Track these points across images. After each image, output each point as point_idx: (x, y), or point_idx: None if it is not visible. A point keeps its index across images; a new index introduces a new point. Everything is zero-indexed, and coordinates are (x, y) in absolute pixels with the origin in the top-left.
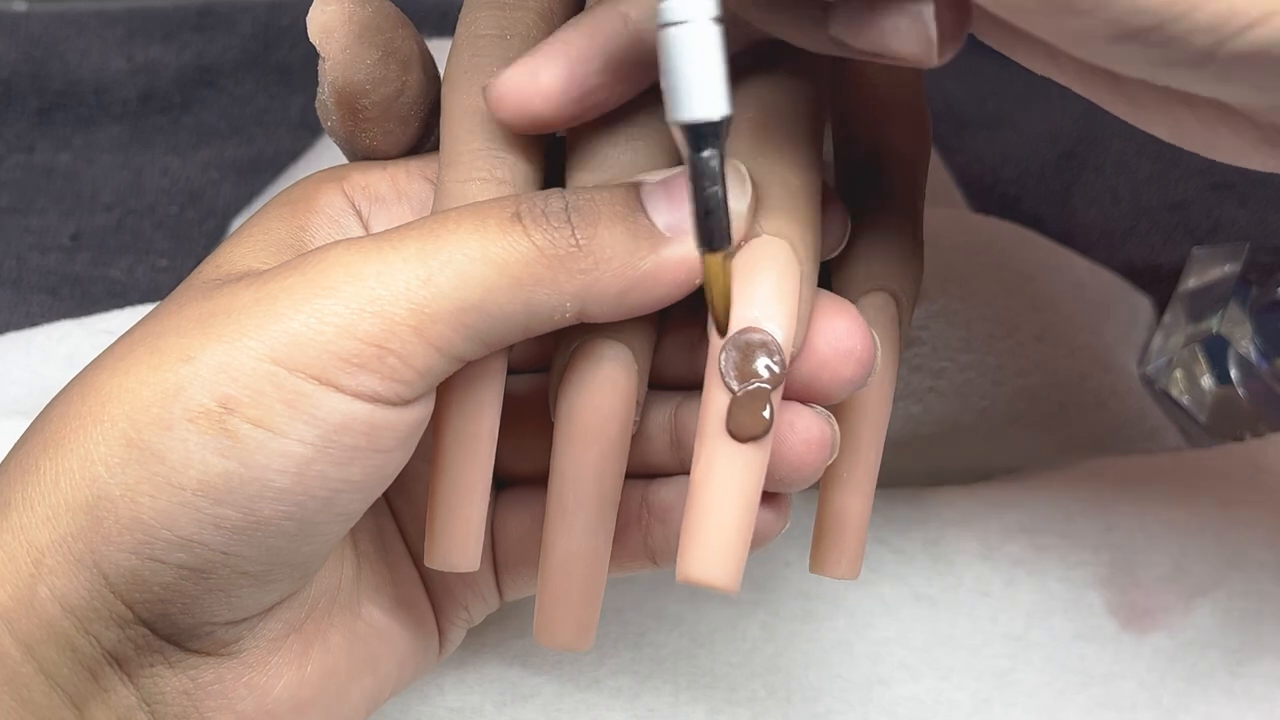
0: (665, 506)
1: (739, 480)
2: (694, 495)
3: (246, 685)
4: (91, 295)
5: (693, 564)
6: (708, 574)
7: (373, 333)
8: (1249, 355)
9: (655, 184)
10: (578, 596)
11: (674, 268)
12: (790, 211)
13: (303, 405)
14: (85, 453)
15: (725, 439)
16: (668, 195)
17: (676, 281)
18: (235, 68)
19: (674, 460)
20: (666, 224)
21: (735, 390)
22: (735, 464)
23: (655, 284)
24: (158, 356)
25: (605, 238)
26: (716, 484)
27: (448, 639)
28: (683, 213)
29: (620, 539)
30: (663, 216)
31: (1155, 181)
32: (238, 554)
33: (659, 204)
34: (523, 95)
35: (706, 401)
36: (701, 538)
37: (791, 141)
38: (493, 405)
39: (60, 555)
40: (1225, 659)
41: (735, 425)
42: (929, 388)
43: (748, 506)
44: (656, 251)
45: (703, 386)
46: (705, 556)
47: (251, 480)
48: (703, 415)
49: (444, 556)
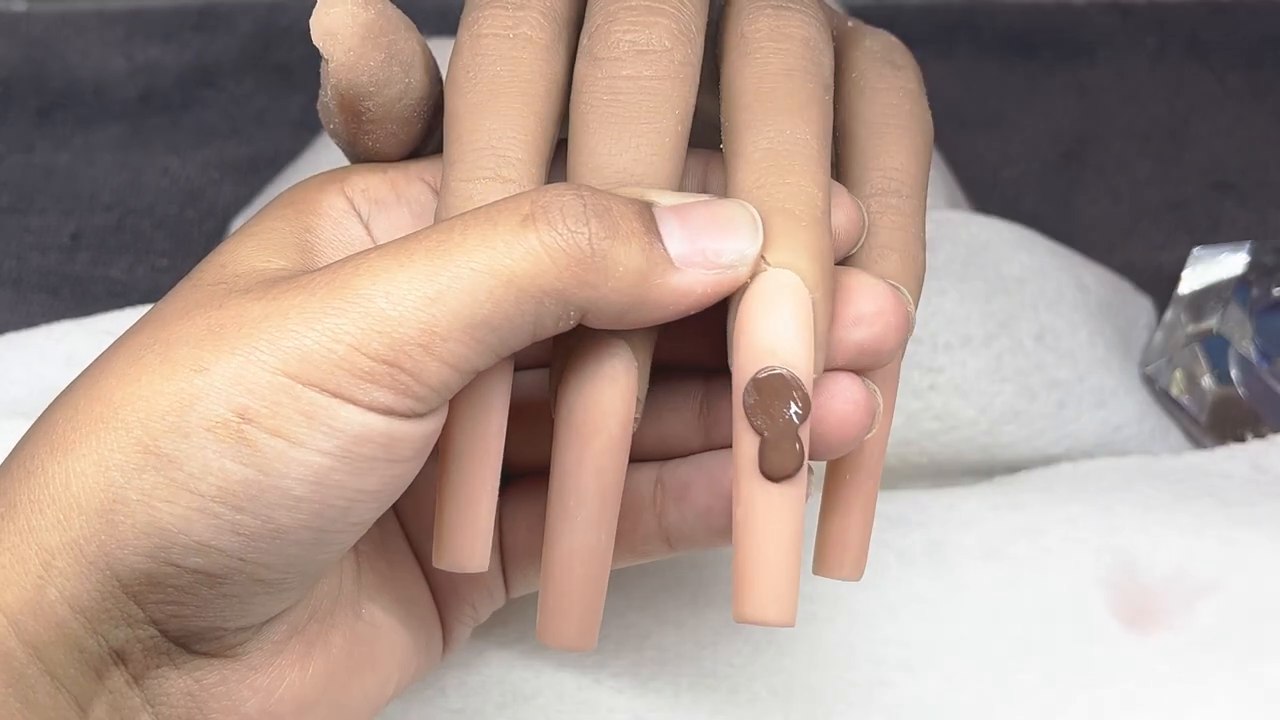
0: (683, 484)
1: (780, 518)
2: (739, 538)
3: (250, 687)
4: (91, 295)
5: (748, 605)
6: (764, 613)
7: (383, 352)
8: (1249, 355)
9: (669, 209)
10: (580, 595)
11: (681, 296)
12: (796, 241)
13: (320, 416)
14: (99, 457)
15: (761, 480)
16: (683, 225)
17: (680, 309)
18: (235, 68)
19: (698, 434)
20: (679, 254)
21: (763, 432)
22: (774, 503)
23: (659, 308)
24: (169, 366)
25: (620, 254)
26: (759, 525)
27: (453, 637)
28: (696, 246)
29: (633, 522)
30: (676, 246)
31: (1155, 181)
32: (254, 561)
33: (673, 232)
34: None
35: (738, 444)
36: (754, 578)
37: (796, 166)
38: (500, 405)
39: (71, 557)
40: (1228, 660)
41: (769, 466)
42: (929, 385)
43: (793, 542)
44: (665, 278)
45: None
46: (761, 598)
47: (271, 488)
48: (735, 458)
49: (453, 558)
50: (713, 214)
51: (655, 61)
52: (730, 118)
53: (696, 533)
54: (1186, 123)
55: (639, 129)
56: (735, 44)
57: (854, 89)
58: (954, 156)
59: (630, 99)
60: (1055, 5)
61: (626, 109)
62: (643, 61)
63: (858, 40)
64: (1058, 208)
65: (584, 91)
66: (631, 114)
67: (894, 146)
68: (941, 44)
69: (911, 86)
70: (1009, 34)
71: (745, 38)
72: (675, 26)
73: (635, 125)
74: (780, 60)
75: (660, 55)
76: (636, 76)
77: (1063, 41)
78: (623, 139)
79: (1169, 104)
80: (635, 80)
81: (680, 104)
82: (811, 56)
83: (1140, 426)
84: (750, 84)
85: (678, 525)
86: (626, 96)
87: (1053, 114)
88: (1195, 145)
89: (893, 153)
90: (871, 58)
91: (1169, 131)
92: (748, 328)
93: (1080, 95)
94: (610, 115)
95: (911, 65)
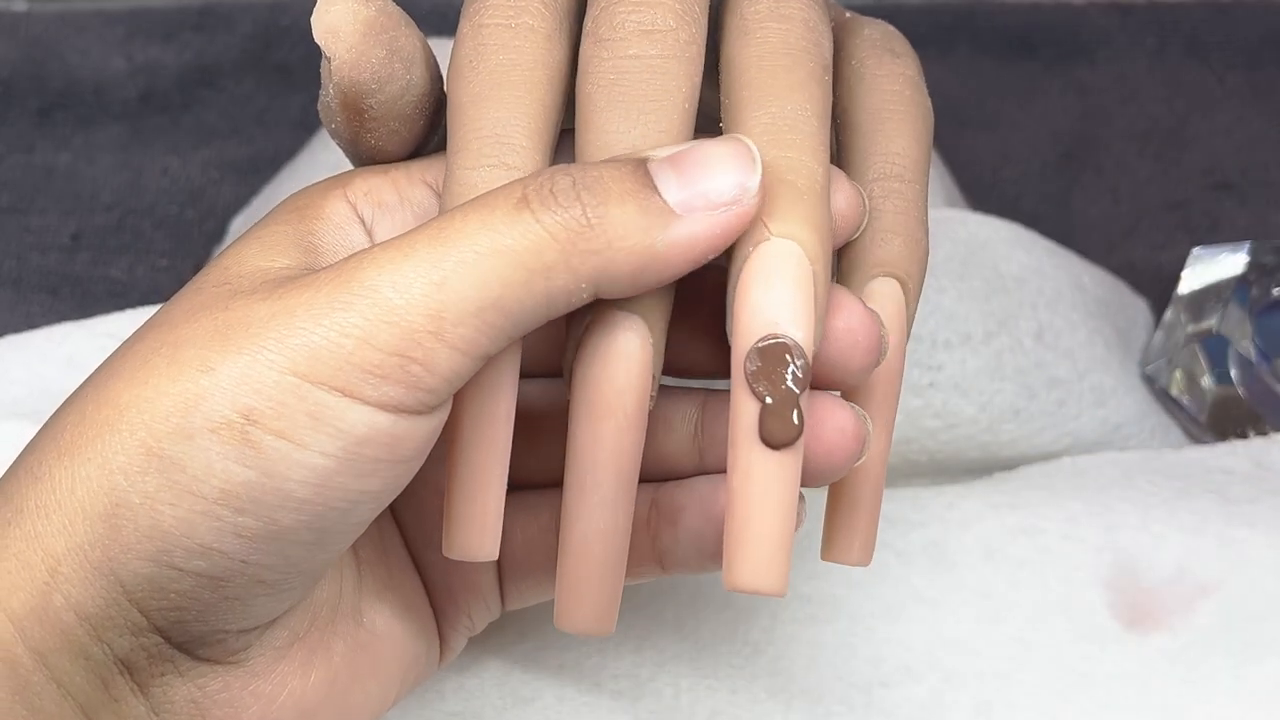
0: (675, 508)
1: (777, 486)
2: (734, 505)
3: (252, 694)
4: (91, 295)
5: (740, 573)
6: (756, 581)
7: (393, 343)
8: (1249, 355)
9: (663, 159)
10: (598, 577)
11: (688, 245)
12: (798, 212)
13: (326, 417)
14: (103, 461)
15: (760, 447)
16: (677, 171)
17: (691, 259)
18: (235, 68)
19: (692, 459)
20: (678, 201)
21: (764, 398)
22: (772, 471)
23: (669, 262)
24: (176, 367)
25: (617, 215)
26: (756, 492)
27: (449, 646)
28: (694, 189)
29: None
30: (674, 193)
31: (1155, 181)
32: (256, 562)
33: (669, 180)
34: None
35: (736, 411)
36: (747, 546)
37: (798, 140)
38: (509, 392)
39: (76, 563)
40: (1228, 660)
41: (768, 433)
42: (929, 383)
43: (788, 511)
44: (669, 229)
45: (725, 384)
46: (752, 565)
47: (273, 490)
48: (733, 425)
49: (463, 545)
50: (706, 153)
51: (660, 40)
52: (730, 95)
53: (689, 556)
54: (1186, 123)
55: (646, 107)
56: (735, 24)
57: (854, 76)
58: (952, 156)
59: (637, 78)
60: (1055, 5)
61: (633, 88)
62: (648, 41)
63: (856, 29)
64: (1056, 208)
65: (590, 72)
66: (639, 93)
67: (896, 132)
68: (941, 43)
69: (911, 73)
70: (1008, 34)
71: (745, 18)
72: (679, 6)
73: (643, 104)
74: (780, 39)
75: (665, 34)
76: (642, 56)
77: (1062, 41)
78: (630, 117)
79: (1169, 104)
80: (641, 59)
81: (687, 82)
82: (811, 37)
83: (1140, 425)
84: (751, 62)
85: (670, 548)
86: (633, 76)
87: (1052, 114)
88: (1195, 145)
89: (894, 138)
90: (871, 46)
91: (1168, 131)
92: (750, 296)
93: (1080, 95)
94: (617, 95)
95: (910, 53)
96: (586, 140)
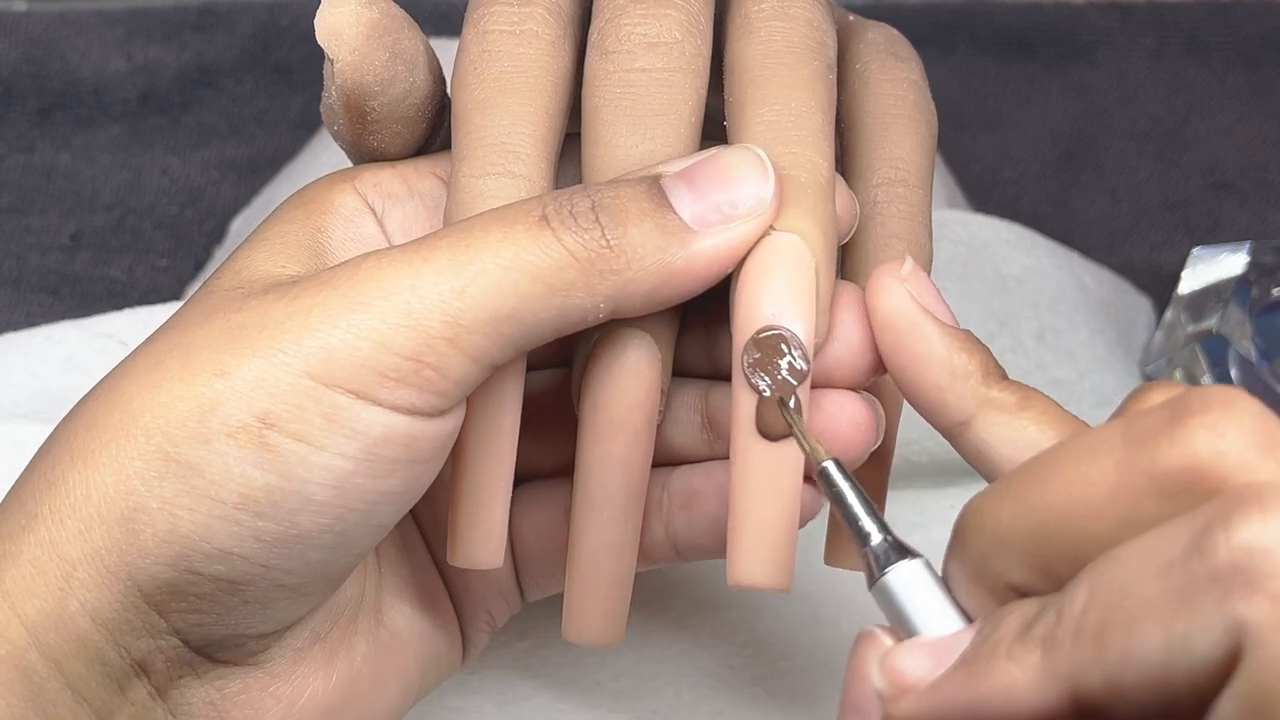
0: (689, 492)
1: (776, 479)
2: (735, 500)
3: (273, 696)
4: (91, 295)
5: (742, 569)
6: (758, 577)
7: (409, 347)
8: (1249, 355)
9: (675, 175)
10: (607, 590)
11: (705, 262)
12: (801, 206)
13: (343, 419)
14: (119, 466)
15: (758, 439)
16: (690, 186)
17: (708, 275)
18: (235, 68)
19: (702, 445)
20: (692, 216)
21: (761, 390)
22: (770, 463)
23: (686, 279)
24: (190, 371)
25: (635, 236)
26: (755, 486)
27: (471, 643)
28: (707, 203)
29: (642, 528)
30: (688, 209)
31: (1155, 181)
32: (277, 566)
33: (682, 196)
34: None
35: (735, 404)
36: (748, 542)
37: (802, 136)
38: (513, 401)
39: (92, 568)
40: None
41: (765, 425)
42: None
43: (789, 504)
44: (687, 246)
45: (728, 377)
46: (754, 561)
47: (292, 493)
48: (733, 418)
49: (467, 554)
50: (717, 166)
51: (666, 53)
52: (735, 94)
53: (705, 541)
54: (1186, 123)
55: (654, 121)
56: (739, 24)
57: (858, 80)
58: (953, 156)
59: (644, 91)
60: (1055, 5)
61: (640, 102)
62: (654, 54)
63: (860, 33)
64: (1057, 208)
65: (597, 85)
66: (646, 107)
67: (900, 137)
68: (941, 44)
69: (915, 77)
70: (1008, 34)
71: (749, 17)
72: (684, 18)
73: (650, 118)
74: (784, 38)
75: (671, 47)
76: (649, 69)
77: (1062, 41)
78: (638, 131)
79: (1168, 104)
80: (648, 73)
81: (693, 94)
82: (815, 36)
83: None
84: (755, 60)
85: (686, 533)
86: (640, 89)
87: (1052, 114)
88: (1195, 145)
89: (899, 143)
90: (874, 49)
91: (1168, 131)
92: (750, 288)
93: (1080, 95)
94: (625, 108)
95: (914, 57)
96: (594, 154)
